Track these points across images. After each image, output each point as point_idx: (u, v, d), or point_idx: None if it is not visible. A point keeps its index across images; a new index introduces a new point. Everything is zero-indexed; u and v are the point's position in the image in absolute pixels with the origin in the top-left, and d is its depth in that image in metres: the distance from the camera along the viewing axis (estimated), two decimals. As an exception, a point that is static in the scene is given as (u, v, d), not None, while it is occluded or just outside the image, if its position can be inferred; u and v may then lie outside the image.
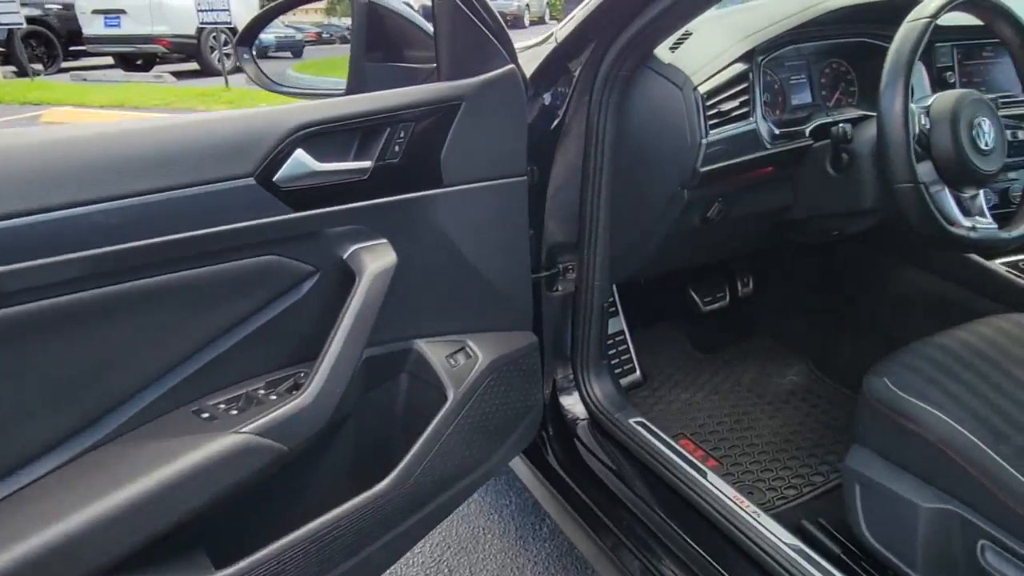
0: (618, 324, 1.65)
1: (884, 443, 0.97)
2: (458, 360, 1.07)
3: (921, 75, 1.31)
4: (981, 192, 1.05)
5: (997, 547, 0.83)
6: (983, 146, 0.99)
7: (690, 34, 1.18)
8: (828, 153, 1.15)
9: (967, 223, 0.99)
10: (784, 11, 1.17)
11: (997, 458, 0.85)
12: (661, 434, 1.27)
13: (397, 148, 0.89)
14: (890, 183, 0.95)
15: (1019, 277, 1.28)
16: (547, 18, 17.71)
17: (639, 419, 1.31)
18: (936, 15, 0.97)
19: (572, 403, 1.39)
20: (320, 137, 0.82)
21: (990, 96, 1.39)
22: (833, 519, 1.16)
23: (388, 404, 1.05)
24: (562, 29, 1.16)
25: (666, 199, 1.14)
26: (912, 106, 0.99)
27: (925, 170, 1.01)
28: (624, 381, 1.63)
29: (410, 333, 1.04)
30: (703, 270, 1.76)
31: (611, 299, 1.42)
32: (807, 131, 1.21)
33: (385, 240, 0.91)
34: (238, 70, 7.07)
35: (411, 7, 1.16)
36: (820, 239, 1.31)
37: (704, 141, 1.06)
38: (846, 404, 1.56)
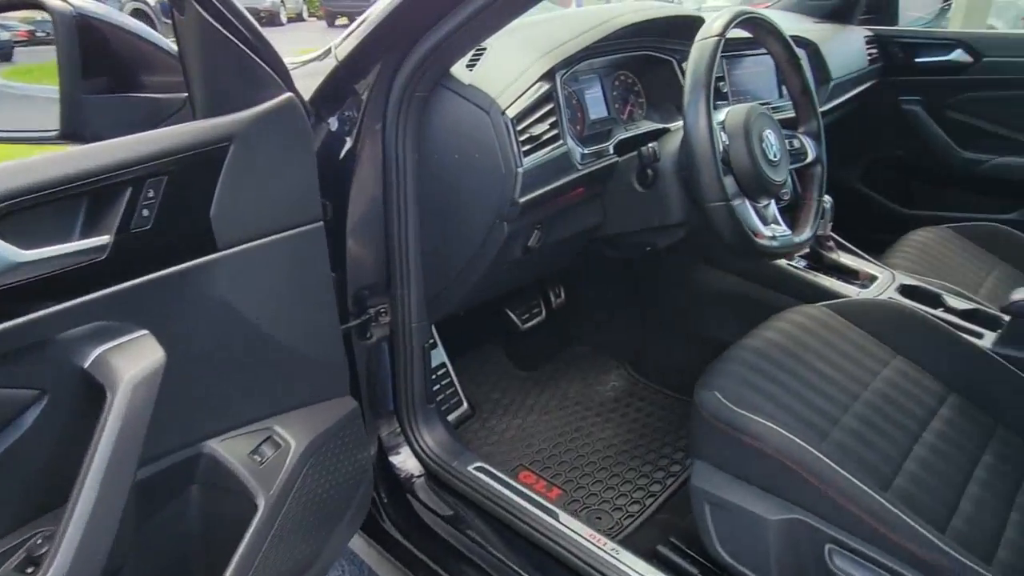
0: (439, 357, 1.54)
1: (725, 458, 0.98)
2: (265, 453, 0.88)
3: None
4: (772, 201, 1.10)
5: (842, 549, 0.86)
6: (772, 157, 1.04)
7: (484, 50, 1.09)
8: (634, 170, 1.14)
9: (768, 232, 1.03)
10: (578, 27, 1.14)
11: (826, 460, 0.88)
12: (502, 476, 1.19)
13: (146, 212, 0.68)
14: (702, 202, 0.96)
15: (801, 272, 1.39)
16: (305, 15, 16.75)
17: (478, 464, 1.21)
18: (723, 33, 0.99)
19: (403, 459, 1.25)
20: (25, 214, 0.59)
21: (758, 103, 1.51)
22: (684, 535, 1.17)
23: (178, 531, 0.83)
24: (343, 45, 1.00)
25: (484, 233, 1.05)
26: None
27: (728, 184, 1.03)
28: (453, 417, 1.53)
29: (198, 435, 0.83)
30: (516, 288, 1.71)
31: (431, 338, 1.30)
32: (611, 148, 1.19)
33: (145, 332, 0.70)
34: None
35: (148, 13, 0.92)
36: (634, 253, 1.31)
37: (520, 170, 0.98)
38: (665, 404, 1.61)
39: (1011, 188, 1.92)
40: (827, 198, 1.39)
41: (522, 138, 0.98)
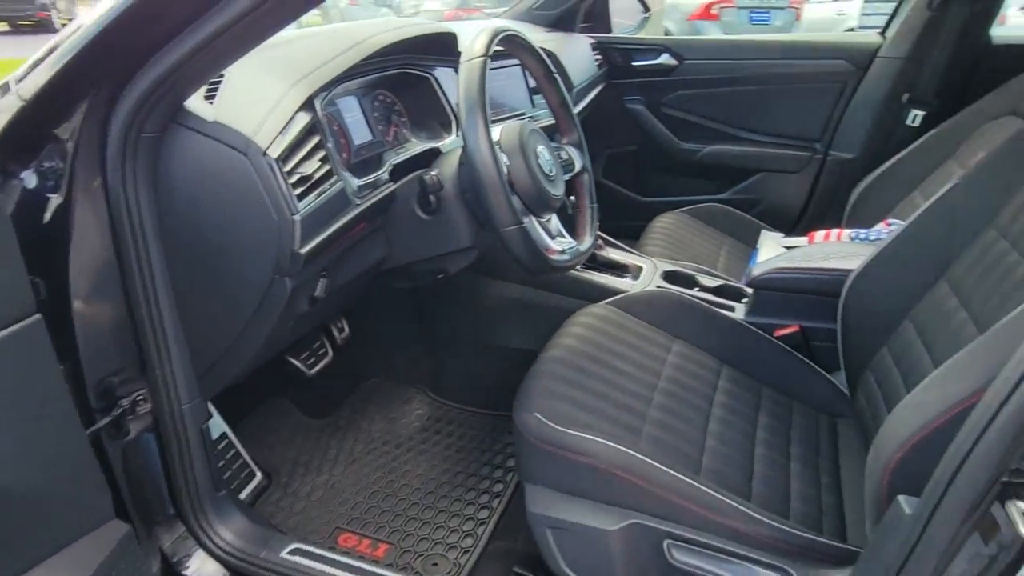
0: (218, 428, 1.33)
1: (557, 478, 0.97)
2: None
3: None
4: (553, 215, 1.12)
5: (678, 542, 0.91)
6: (548, 172, 1.05)
7: (221, 76, 0.94)
8: (415, 196, 1.08)
9: (557, 247, 1.05)
10: (331, 48, 1.03)
11: (647, 459, 0.92)
12: (322, 552, 1.06)
13: None
14: (497, 227, 0.93)
15: (579, 273, 1.46)
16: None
17: (292, 546, 1.07)
18: (487, 52, 0.97)
19: (199, 567, 1.05)
20: None
21: (513, 115, 1.53)
22: (527, 560, 1.15)
23: None
24: (27, 80, 0.78)
25: (262, 291, 0.90)
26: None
27: (515, 204, 1.02)
28: (247, 493, 1.33)
29: None
30: None
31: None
32: (385, 175, 1.11)
33: None
34: None
35: None
36: (425, 282, 1.25)
37: (297, 217, 0.85)
38: (473, 422, 1.59)
39: (722, 171, 2.24)
40: (592, 201, 1.48)
41: (292, 180, 0.86)
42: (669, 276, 1.52)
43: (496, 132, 1.04)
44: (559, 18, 2.16)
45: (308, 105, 0.93)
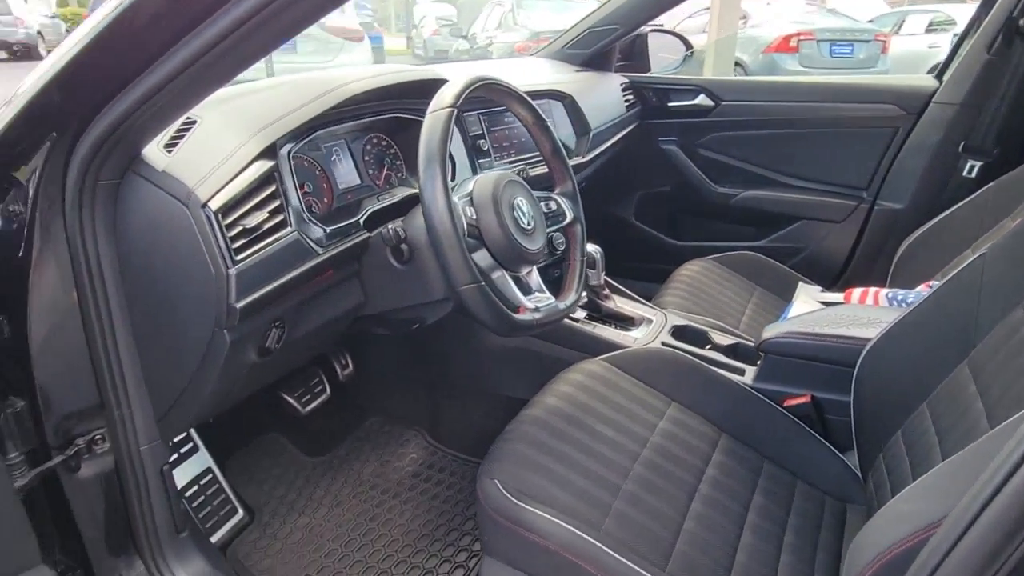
0: (204, 462, 1.32)
1: (512, 555, 0.90)
2: None
3: (459, 148, 1.32)
4: (533, 268, 1.07)
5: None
6: (525, 226, 1.00)
7: (193, 123, 0.94)
8: (389, 245, 1.05)
9: (530, 304, 0.99)
10: (303, 95, 1.02)
11: (605, 549, 0.84)
12: None
13: None
14: (453, 285, 0.88)
15: (579, 325, 1.39)
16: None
17: (248, 596, 1.03)
18: (455, 103, 0.93)
19: (156, 605, 1.03)
20: None
21: (521, 158, 1.49)
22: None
23: None
24: None
25: (204, 343, 0.89)
26: (455, 199, 0.94)
27: (481, 257, 0.97)
28: (226, 529, 1.32)
29: None
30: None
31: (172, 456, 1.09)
32: (361, 221, 1.08)
33: None
34: None
35: None
36: (402, 330, 1.21)
37: (233, 272, 0.83)
38: (465, 472, 1.53)
39: (759, 217, 2.12)
40: (595, 248, 1.41)
41: (233, 232, 0.84)
42: (678, 331, 1.43)
43: (471, 184, 1.00)
44: (592, 57, 2.11)
45: (269, 153, 0.92)
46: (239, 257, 0.84)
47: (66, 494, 0.97)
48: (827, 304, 1.73)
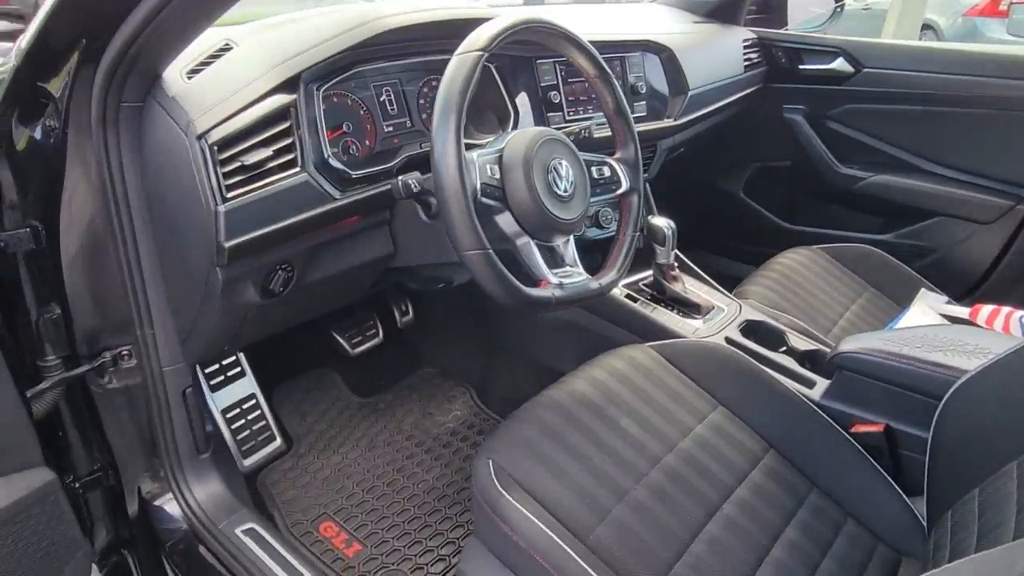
0: (248, 387, 1.37)
1: (493, 542, 0.85)
2: None
3: (524, 100, 1.21)
4: (570, 239, 0.96)
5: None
6: (561, 192, 0.90)
7: (228, 49, 0.91)
8: (399, 198, 0.98)
9: (554, 279, 0.89)
10: (331, 29, 0.95)
11: (583, 565, 0.76)
12: (272, 542, 1.04)
13: None
14: (457, 251, 0.80)
15: (636, 307, 1.27)
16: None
17: (247, 526, 1.06)
18: (488, 47, 0.83)
19: (168, 516, 1.09)
20: None
21: (590, 119, 1.33)
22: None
23: None
24: (27, 34, 0.81)
25: (204, 276, 0.88)
26: (472, 155, 0.85)
27: (506, 221, 0.88)
28: (262, 455, 1.36)
29: None
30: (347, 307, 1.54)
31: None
32: (395, 169, 1.02)
33: None
34: None
35: None
36: (429, 287, 1.16)
37: (221, 209, 0.80)
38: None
39: (887, 207, 1.84)
40: (668, 223, 1.27)
41: (228, 168, 0.81)
42: (750, 327, 1.27)
43: (504, 140, 0.90)
44: (719, 7, 1.89)
45: (288, 86, 0.87)
46: (231, 195, 0.81)
47: (96, 403, 1.03)
48: (949, 318, 1.48)
